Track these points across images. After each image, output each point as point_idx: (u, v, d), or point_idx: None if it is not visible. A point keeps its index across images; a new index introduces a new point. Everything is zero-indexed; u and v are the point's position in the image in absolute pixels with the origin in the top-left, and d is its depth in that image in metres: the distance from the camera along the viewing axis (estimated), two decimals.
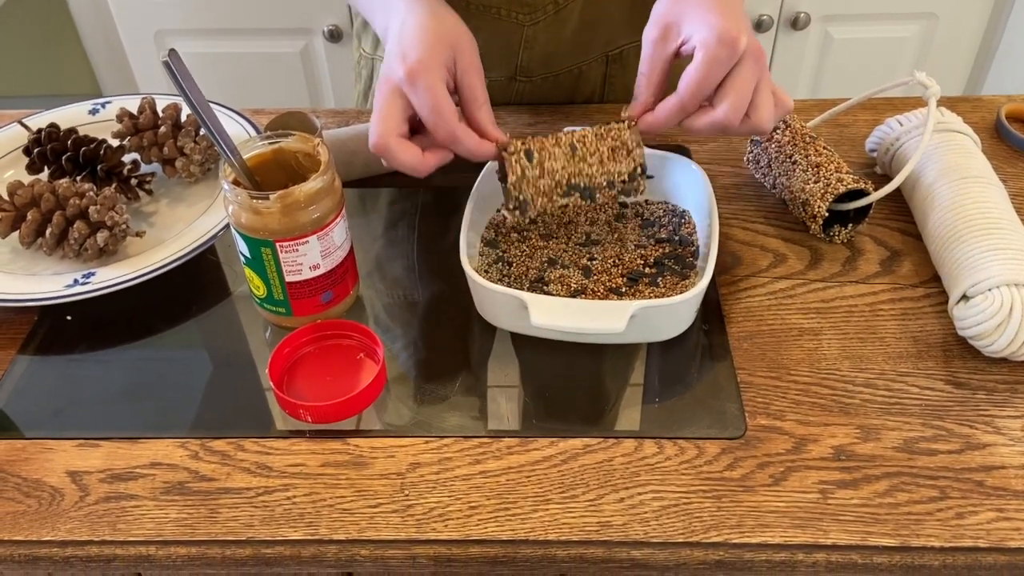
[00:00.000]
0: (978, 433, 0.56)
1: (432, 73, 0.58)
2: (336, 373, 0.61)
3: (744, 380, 0.60)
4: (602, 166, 0.62)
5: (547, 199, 0.62)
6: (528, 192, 0.62)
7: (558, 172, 0.62)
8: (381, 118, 0.59)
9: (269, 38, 1.58)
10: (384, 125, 0.58)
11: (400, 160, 0.59)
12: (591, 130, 0.63)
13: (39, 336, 0.65)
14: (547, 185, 0.62)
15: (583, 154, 0.62)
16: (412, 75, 0.57)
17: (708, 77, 0.57)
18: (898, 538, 0.51)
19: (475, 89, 0.61)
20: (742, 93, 0.58)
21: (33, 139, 0.74)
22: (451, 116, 0.58)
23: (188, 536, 0.52)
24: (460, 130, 0.59)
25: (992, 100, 0.84)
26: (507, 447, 0.57)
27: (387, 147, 0.58)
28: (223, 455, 0.57)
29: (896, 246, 0.70)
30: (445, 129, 0.58)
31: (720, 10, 0.57)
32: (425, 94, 0.57)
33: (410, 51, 0.58)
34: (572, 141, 0.62)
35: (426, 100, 0.58)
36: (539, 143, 0.62)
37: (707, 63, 0.57)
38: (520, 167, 0.62)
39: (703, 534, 0.52)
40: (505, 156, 0.62)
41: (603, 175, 0.62)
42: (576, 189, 0.62)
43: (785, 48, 1.56)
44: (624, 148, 0.62)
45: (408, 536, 0.52)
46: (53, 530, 0.53)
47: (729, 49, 0.56)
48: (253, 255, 0.60)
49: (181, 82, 0.56)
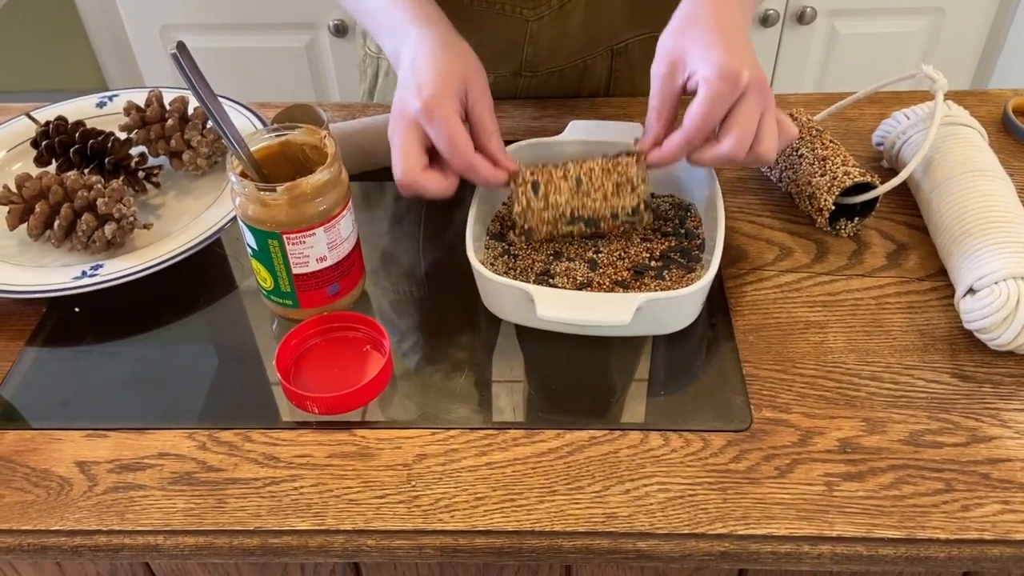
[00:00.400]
0: (984, 426, 0.56)
1: (447, 106, 0.60)
2: (343, 365, 0.61)
3: (750, 373, 0.60)
4: (606, 201, 0.64)
5: (552, 227, 0.65)
6: (533, 221, 0.64)
7: (562, 205, 0.64)
8: (404, 155, 0.61)
9: (274, 33, 1.58)
10: (408, 162, 0.60)
11: (429, 191, 0.61)
12: (599, 163, 0.64)
13: (47, 328, 0.66)
14: (551, 216, 0.64)
15: (588, 189, 0.64)
16: (428, 110, 0.59)
17: (711, 113, 0.58)
18: (904, 530, 0.51)
19: (485, 119, 0.63)
20: (746, 127, 0.59)
21: (41, 132, 0.75)
22: (466, 147, 0.60)
23: (196, 526, 0.53)
24: (476, 160, 0.61)
25: (999, 94, 0.84)
26: (513, 439, 0.57)
27: (414, 183, 0.61)
28: (231, 446, 0.57)
29: (902, 239, 0.70)
30: (461, 160, 0.60)
31: (723, 44, 0.58)
32: (441, 127, 0.59)
33: (425, 85, 0.60)
34: (579, 174, 0.64)
35: (442, 133, 0.60)
36: (546, 174, 0.64)
37: (710, 99, 0.58)
38: (526, 199, 0.64)
39: (708, 526, 0.52)
40: (512, 187, 0.64)
41: (607, 208, 0.64)
42: (580, 220, 0.64)
43: (791, 43, 1.56)
44: (629, 184, 0.64)
45: (414, 527, 0.52)
46: (62, 520, 0.53)
47: (731, 85, 0.57)
48: (260, 247, 0.60)
49: (189, 74, 0.56)
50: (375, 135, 0.77)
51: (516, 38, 0.82)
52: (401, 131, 0.61)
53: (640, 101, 0.86)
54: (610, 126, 0.74)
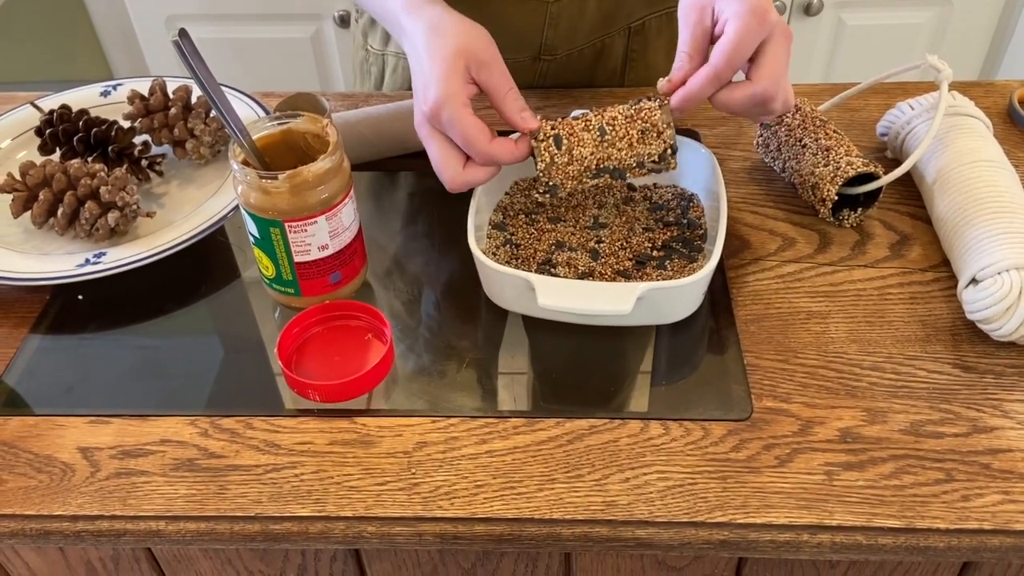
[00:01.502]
0: (985, 416, 0.56)
1: (454, 103, 0.58)
2: (344, 353, 0.61)
3: (751, 363, 0.60)
4: (631, 149, 0.62)
5: (576, 182, 0.63)
6: (558, 178, 0.62)
7: (587, 158, 0.62)
8: (443, 164, 0.60)
9: (279, 23, 1.58)
10: (450, 170, 0.60)
11: (479, 182, 0.62)
12: (621, 111, 0.61)
13: (51, 315, 0.66)
14: (576, 170, 0.62)
15: (612, 138, 0.61)
16: (434, 114, 0.59)
17: (740, 48, 0.58)
18: (903, 520, 0.51)
19: (493, 81, 0.61)
20: (777, 66, 0.59)
21: (45, 120, 0.75)
22: (481, 139, 0.59)
23: (197, 512, 0.53)
24: (494, 149, 0.60)
25: (1005, 85, 0.84)
26: (513, 427, 0.57)
27: (464, 184, 0.61)
28: (232, 433, 0.57)
29: (905, 230, 0.70)
30: (480, 154, 0.60)
31: None
32: (451, 127, 0.59)
33: (428, 88, 0.59)
34: (602, 124, 0.61)
35: (455, 133, 0.59)
36: (568, 127, 0.61)
37: (740, 32, 0.58)
38: (549, 155, 0.61)
39: (708, 514, 0.52)
40: (534, 144, 0.61)
41: (633, 157, 0.62)
42: (606, 171, 0.62)
43: (798, 34, 1.55)
44: (655, 130, 0.61)
45: (414, 514, 0.53)
46: (64, 505, 0.54)
47: (760, 20, 0.57)
48: (262, 235, 0.60)
49: (191, 62, 0.56)
50: (378, 124, 0.77)
51: (536, 22, 0.82)
52: (427, 138, 0.61)
53: (644, 92, 0.86)
54: None
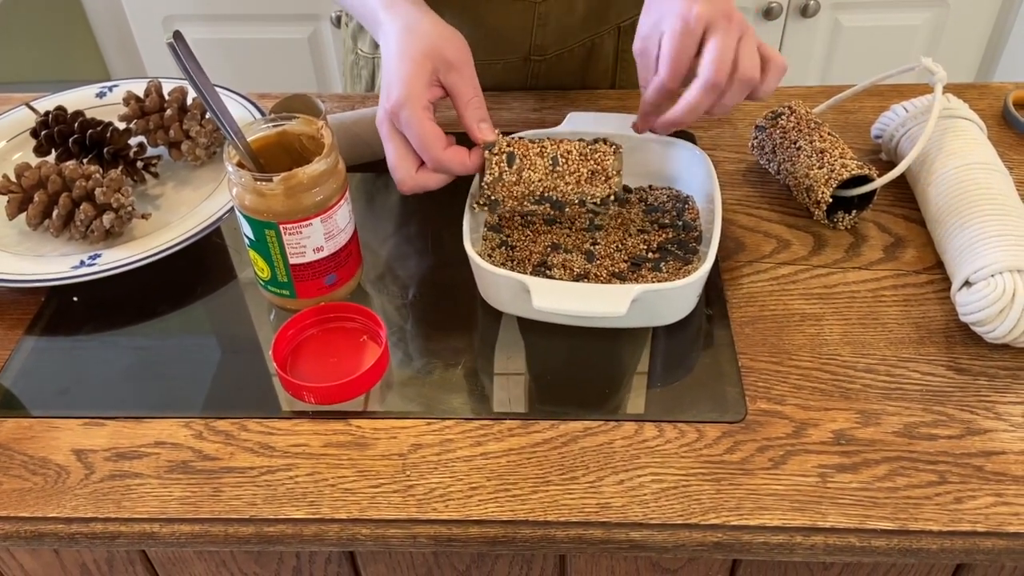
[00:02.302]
0: (979, 419, 0.56)
1: (414, 105, 0.60)
2: (339, 355, 0.61)
3: (745, 365, 0.60)
4: (577, 186, 0.63)
5: (517, 203, 0.64)
6: (501, 194, 0.63)
7: (534, 183, 0.63)
8: (397, 164, 0.62)
9: (276, 24, 1.58)
10: (403, 171, 0.62)
11: (430, 187, 0.62)
12: (576, 146, 0.63)
13: (46, 317, 0.66)
14: (520, 192, 0.63)
15: (563, 171, 0.63)
16: (394, 113, 0.60)
17: (676, 51, 0.59)
18: (897, 522, 0.51)
19: (459, 86, 0.62)
20: (719, 49, 0.59)
21: (40, 121, 0.75)
22: (436, 146, 0.60)
23: (191, 514, 0.53)
24: (445, 157, 0.61)
25: (1000, 87, 0.84)
26: (508, 429, 0.57)
27: (415, 187, 0.62)
28: (227, 435, 0.57)
29: (900, 232, 0.70)
30: (433, 159, 0.61)
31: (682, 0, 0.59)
32: (408, 129, 0.60)
33: (392, 87, 0.60)
34: (557, 154, 0.63)
35: (411, 134, 0.60)
36: (523, 148, 0.63)
37: (671, 38, 0.59)
38: (499, 169, 0.63)
39: (701, 516, 0.52)
40: (487, 156, 0.63)
41: (577, 194, 0.64)
42: (548, 200, 0.64)
43: (795, 36, 1.55)
44: (604, 174, 0.63)
45: (409, 516, 0.53)
46: (59, 507, 0.54)
47: (685, 21, 0.58)
48: (257, 237, 0.60)
49: (185, 63, 0.56)
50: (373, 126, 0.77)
51: (525, 23, 0.82)
52: (386, 137, 0.62)
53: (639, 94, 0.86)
54: (609, 118, 0.74)
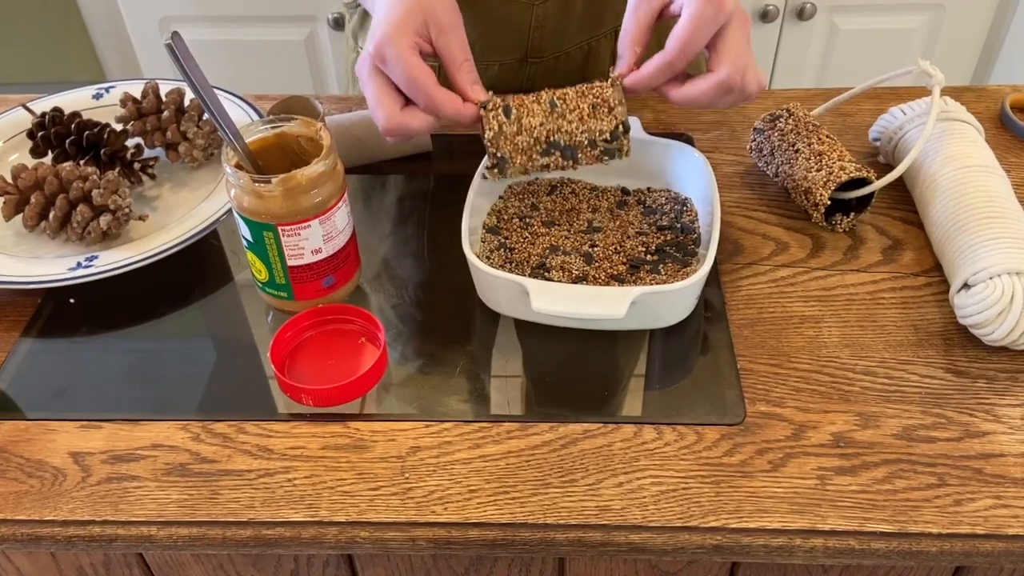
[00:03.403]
0: (977, 421, 0.56)
1: (400, 43, 0.57)
2: (338, 357, 0.61)
3: (744, 367, 0.60)
4: (582, 123, 0.61)
5: (526, 157, 0.62)
6: (506, 149, 0.61)
7: (536, 128, 0.61)
8: (377, 103, 0.59)
9: (273, 25, 1.58)
10: (385, 109, 0.59)
11: (414, 129, 0.59)
12: (573, 88, 0.62)
13: (42, 319, 0.65)
14: (525, 142, 0.61)
15: (563, 110, 0.61)
16: (380, 50, 0.57)
17: (695, 35, 0.57)
18: (896, 524, 0.51)
19: (451, 49, 0.60)
20: (738, 52, 0.58)
21: (37, 123, 0.75)
22: (426, 83, 0.58)
23: (189, 517, 0.53)
24: (439, 96, 0.58)
25: (997, 90, 0.84)
26: (507, 431, 0.57)
27: (398, 127, 0.59)
28: (224, 437, 0.57)
29: (898, 235, 0.70)
30: (423, 97, 0.58)
31: None
32: (395, 66, 0.58)
33: (379, 28, 0.58)
34: (552, 98, 0.61)
35: (398, 71, 0.58)
36: (518, 100, 0.61)
37: (695, 20, 0.57)
38: (497, 123, 0.61)
39: (701, 519, 0.52)
40: (483, 113, 0.61)
41: (583, 133, 0.61)
42: (556, 147, 0.61)
43: (791, 39, 1.55)
44: (605, 105, 0.61)
45: (408, 519, 0.53)
46: (55, 510, 0.53)
47: (716, 8, 0.57)
48: (255, 239, 0.60)
49: (184, 65, 0.56)
50: (372, 127, 0.77)
51: (522, 24, 0.82)
52: (366, 78, 0.59)
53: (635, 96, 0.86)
54: None
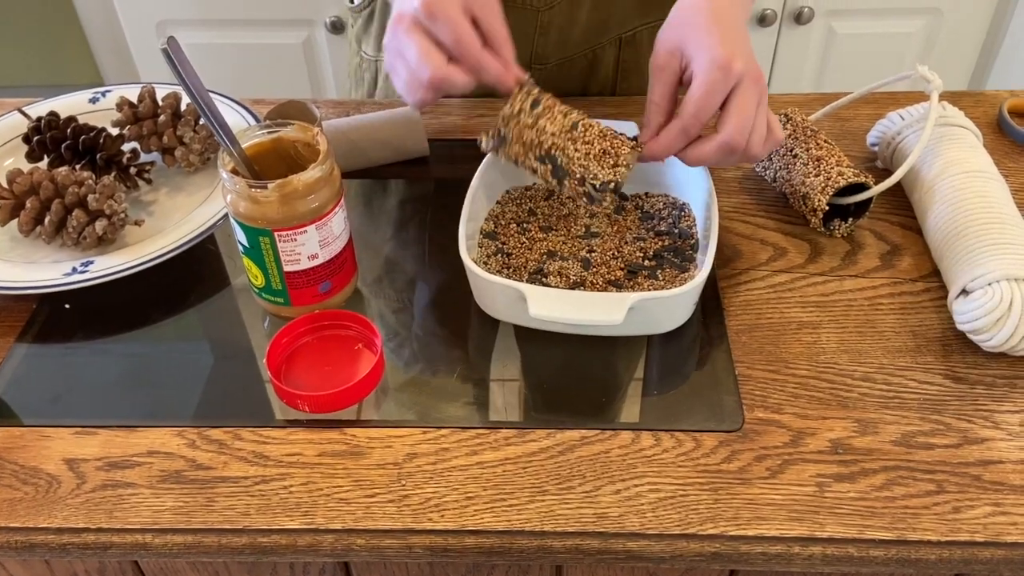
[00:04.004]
0: (976, 428, 0.56)
1: (449, 4, 0.57)
2: (334, 363, 0.61)
3: (742, 373, 0.60)
4: (586, 159, 0.61)
5: (523, 152, 0.62)
6: (511, 132, 0.62)
7: (546, 135, 0.61)
8: (424, 52, 0.57)
9: (271, 29, 1.58)
10: (433, 60, 0.57)
11: (457, 86, 0.58)
12: (600, 125, 0.62)
13: (37, 324, 0.65)
14: (530, 139, 0.62)
15: (577, 137, 0.61)
16: (429, 8, 0.56)
17: (707, 99, 0.58)
18: (895, 531, 0.51)
19: (495, 24, 0.60)
20: (744, 114, 0.59)
21: (33, 127, 0.74)
22: (474, 44, 0.58)
23: (184, 524, 0.52)
24: (485, 58, 0.58)
25: (995, 95, 0.84)
26: (504, 438, 0.57)
27: (444, 79, 0.58)
28: (220, 444, 0.57)
29: (896, 240, 0.70)
30: (471, 58, 0.58)
31: (718, 33, 0.58)
32: (445, 25, 0.57)
33: None
34: (578, 120, 0.62)
35: (447, 30, 0.57)
36: (551, 101, 0.62)
37: (704, 87, 0.58)
38: (520, 105, 0.62)
39: (699, 526, 0.52)
40: (516, 89, 0.61)
41: (580, 167, 0.61)
42: (551, 161, 0.62)
43: (788, 43, 1.56)
44: (613, 159, 0.61)
45: (404, 526, 0.52)
46: (50, 517, 0.53)
47: (725, 73, 0.57)
48: (251, 244, 0.60)
49: (180, 70, 0.56)
50: (369, 132, 0.77)
51: (527, 30, 0.82)
52: (406, 31, 0.58)
53: (637, 100, 0.86)
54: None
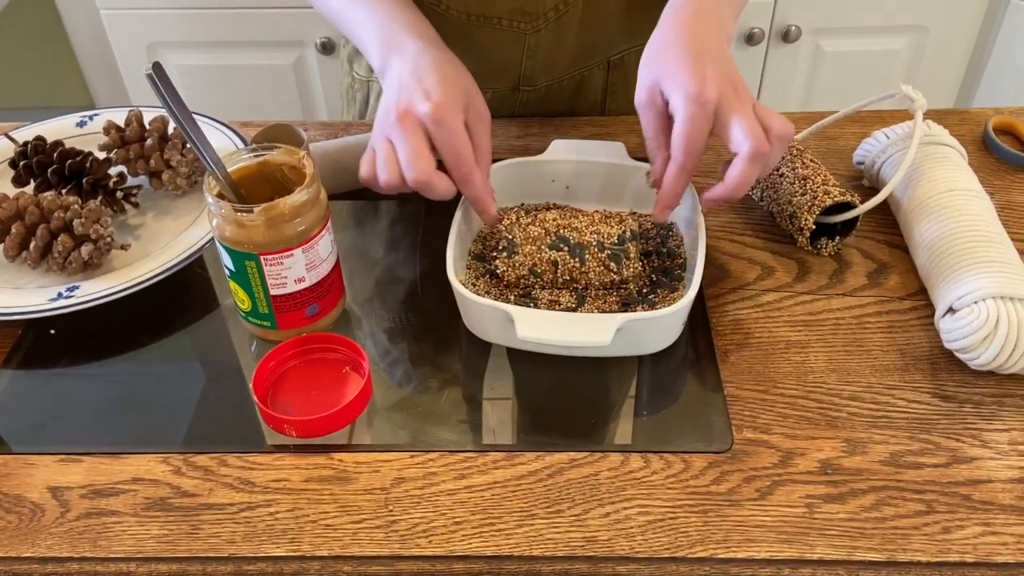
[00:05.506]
0: (965, 447, 0.56)
1: (456, 116, 0.60)
2: (321, 387, 0.61)
3: (731, 393, 0.60)
4: (593, 224, 0.64)
5: (535, 247, 0.64)
6: (518, 235, 0.64)
7: (549, 222, 0.64)
8: (416, 154, 0.60)
9: (262, 50, 1.58)
10: (423, 162, 0.60)
11: (439, 192, 0.61)
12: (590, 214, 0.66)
13: (23, 350, 0.65)
14: (537, 232, 0.64)
15: (576, 215, 0.65)
16: (438, 115, 0.60)
17: (693, 135, 0.59)
18: (885, 553, 0.51)
19: (481, 140, 0.63)
20: (746, 122, 0.58)
21: (19, 152, 0.74)
22: (470, 160, 0.61)
23: (169, 553, 0.52)
24: (476, 174, 0.62)
25: (980, 113, 0.84)
26: (493, 461, 0.56)
27: (429, 182, 0.61)
28: (206, 470, 0.56)
29: (883, 259, 0.70)
30: (465, 171, 0.61)
31: (688, 63, 0.59)
32: (449, 136, 0.60)
33: (433, 91, 0.60)
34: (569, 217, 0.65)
35: (449, 141, 0.60)
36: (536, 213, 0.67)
37: (685, 125, 0.59)
38: (515, 216, 0.65)
39: (688, 549, 0.51)
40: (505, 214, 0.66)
41: (593, 233, 0.64)
42: (565, 243, 0.63)
43: (776, 61, 1.57)
44: (618, 217, 0.65)
45: (391, 552, 0.52)
46: (33, 546, 0.52)
47: (701, 106, 0.58)
48: (237, 268, 0.60)
49: (164, 95, 0.56)
50: (357, 154, 0.77)
51: (514, 52, 0.82)
52: (408, 130, 0.60)
53: (625, 120, 0.86)
54: (593, 145, 0.74)
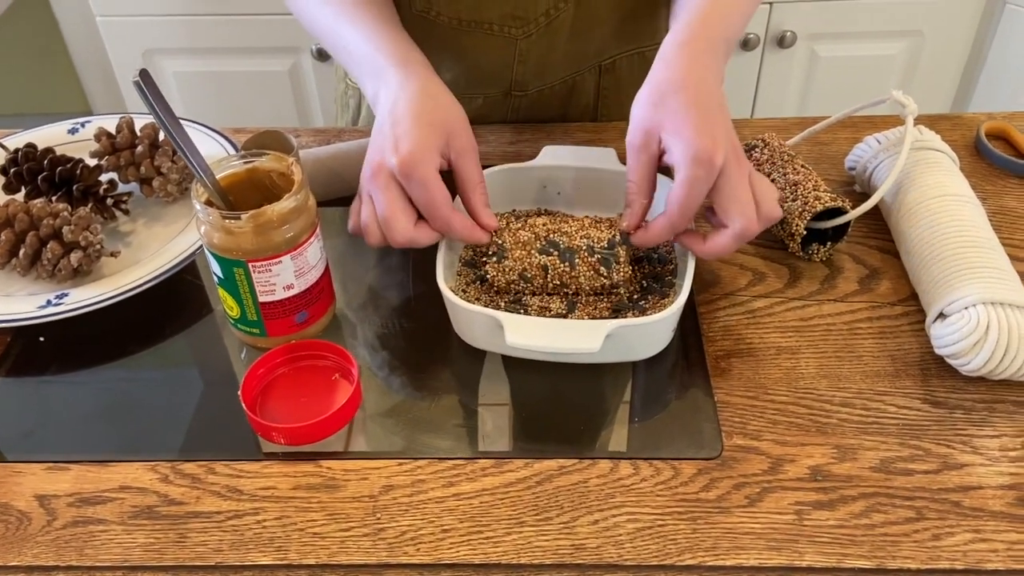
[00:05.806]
0: (955, 453, 0.56)
1: (426, 164, 0.59)
2: (310, 394, 0.61)
3: (721, 399, 0.60)
4: (583, 229, 0.64)
5: (525, 251, 0.63)
6: (508, 240, 0.64)
7: (539, 227, 0.64)
8: (392, 216, 0.60)
9: (257, 57, 1.58)
10: (400, 223, 0.60)
11: (422, 244, 0.62)
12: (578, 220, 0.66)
13: (11, 357, 0.65)
14: (527, 237, 0.64)
15: (567, 220, 0.65)
16: (406, 168, 0.59)
17: (691, 196, 0.58)
18: (874, 560, 0.51)
19: (469, 172, 0.63)
20: (743, 199, 0.58)
21: (10, 159, 0.74)
22: (444, 206, 0.61)
23: (156, 561, 0.52)
24: (455, 220, 0.62)
25: (972, 118, 0.84)
26: (481, 469, 0.56)
27: (410, 241, 0.61)
28: (193, 478, 0.56)
29: (874, 264, 0.70)
30: (440, 220, 0.61)
31: (696, 118, 0.57)
32: (419, 187, 0.60)
33: (403, 139, 0.60)
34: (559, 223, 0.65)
35: (420, 193, 0.60)
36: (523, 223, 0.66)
37: (687, 185, 0.57)
38: (506, 222, 0.65)
39: (677, 557, 0.51)
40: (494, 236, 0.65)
41: (583, 238, 0.63)
42: (555, 247, 0.63)
43: (771, 67, 1.57)
44: (608, 222, 0.65)
45: (379, 560, 0.52)
46: (19, 555, 0.52)
47: (707, 168, 0.57)
48: (226, 276, 0.60)
49: (152, 102, 0.56)
50: (348, 160, 0.77)
51: (505, 58, 0.82)
52: (381, 187, 0.60)
53: (616, 126, 0.86)
54: (584, 151, 0.74)
